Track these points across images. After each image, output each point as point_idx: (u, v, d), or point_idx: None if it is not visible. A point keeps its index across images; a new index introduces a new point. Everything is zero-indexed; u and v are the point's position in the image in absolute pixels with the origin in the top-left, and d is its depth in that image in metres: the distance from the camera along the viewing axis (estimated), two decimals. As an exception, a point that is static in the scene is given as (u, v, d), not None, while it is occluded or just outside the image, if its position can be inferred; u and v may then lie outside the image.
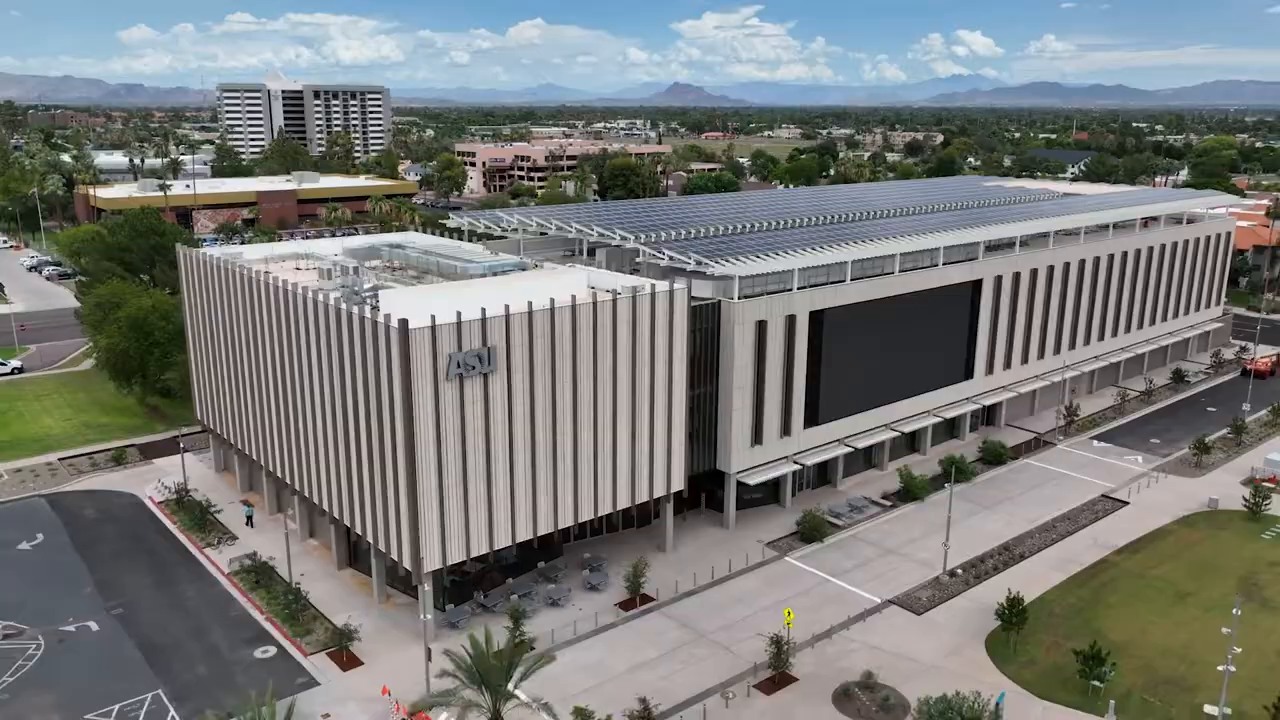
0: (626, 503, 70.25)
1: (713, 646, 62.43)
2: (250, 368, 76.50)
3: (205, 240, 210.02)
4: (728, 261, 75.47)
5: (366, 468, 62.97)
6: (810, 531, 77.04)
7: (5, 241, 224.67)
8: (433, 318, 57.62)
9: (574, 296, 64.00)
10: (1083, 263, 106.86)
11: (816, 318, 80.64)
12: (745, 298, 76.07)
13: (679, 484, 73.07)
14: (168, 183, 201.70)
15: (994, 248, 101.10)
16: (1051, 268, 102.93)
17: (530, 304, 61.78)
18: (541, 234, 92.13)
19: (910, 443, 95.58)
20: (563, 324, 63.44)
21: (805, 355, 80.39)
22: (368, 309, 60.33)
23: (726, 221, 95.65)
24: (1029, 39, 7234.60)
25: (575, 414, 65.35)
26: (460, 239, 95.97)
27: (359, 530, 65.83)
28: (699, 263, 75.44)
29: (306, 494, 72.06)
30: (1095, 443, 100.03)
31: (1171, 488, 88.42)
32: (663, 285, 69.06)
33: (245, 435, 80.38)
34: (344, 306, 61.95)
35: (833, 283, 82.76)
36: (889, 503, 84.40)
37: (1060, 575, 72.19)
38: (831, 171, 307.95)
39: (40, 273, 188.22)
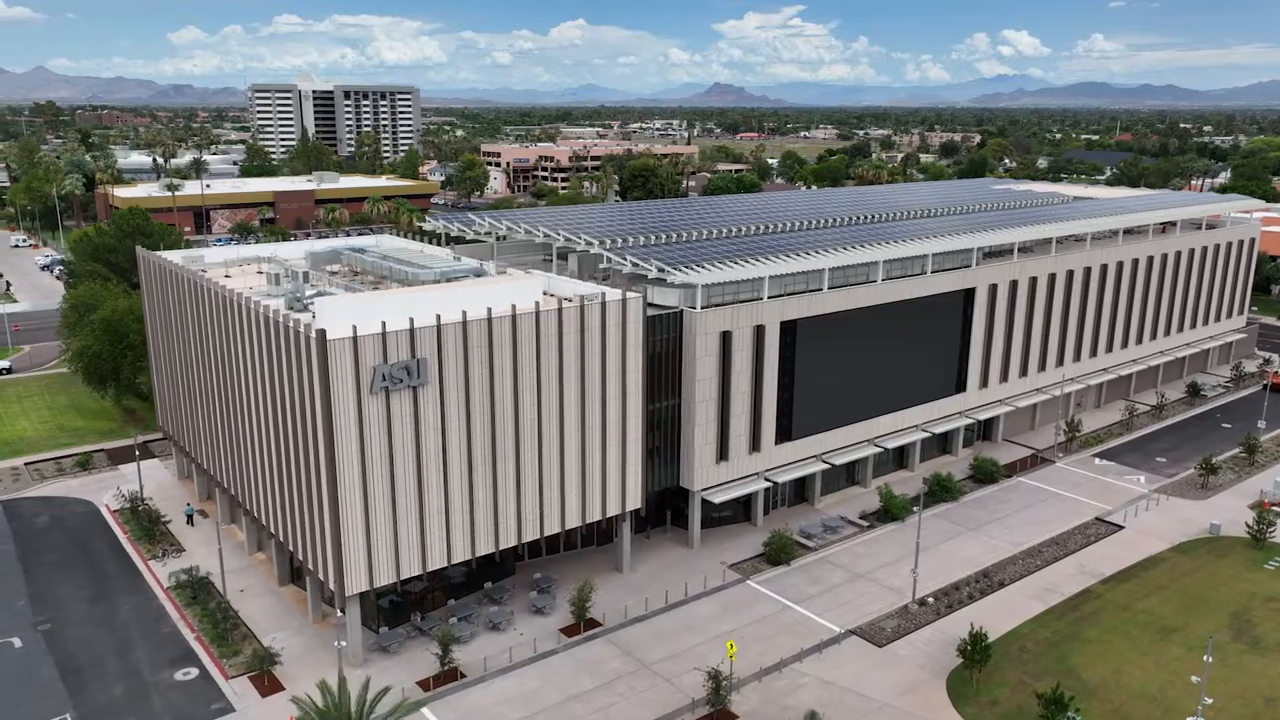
0: (577, 522, 66.92)
1: (653, 678, 58.88)
2: (199, 376, 74.33)
3: (220, 240, 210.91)
4: (692, 269, 71.88)
5: (294, 483, 60.31)
6: (777, 553, 73.17)
7: (25, 240, 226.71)
8: (354, 328, 54.80)
9: (514, 306, 60.79)
10: (1088, 270, 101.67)
11: (789, 328, 76.72)
12: (712, 306, 72.50)
13: (635, 503, 69.59)
14: (176, 182, 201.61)
15: (992, 254, 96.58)
16: (1053, 275, 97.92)
17: (465, 313, 58.72)
18: (510, 238, 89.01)
19: (899, 458, 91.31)
20: (502, 334, 60.29)
21: (776, 367, 76.52)
22: (293, 318, 57.58)
23: (719, 225, 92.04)
24: (1076, 38, 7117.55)
25: (517, 429, 62.17)
26: (435, 242, 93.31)
27: (291, 547, 63.23)
28: (660, 270, 71.92)
29: (248, 507, 69.66)
30: (1096, 460, 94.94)
31: (1172, 511, 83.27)
32: (614, 294, 65.68)
33: (198, 444, 78.28)
34: (270, 315, 59.31)
35: (810, 291, 78.81)
36: (866, 523, 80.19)
37: (1039, 606, 67.70)
38: (854, 172, 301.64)
39: (52, 271, 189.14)
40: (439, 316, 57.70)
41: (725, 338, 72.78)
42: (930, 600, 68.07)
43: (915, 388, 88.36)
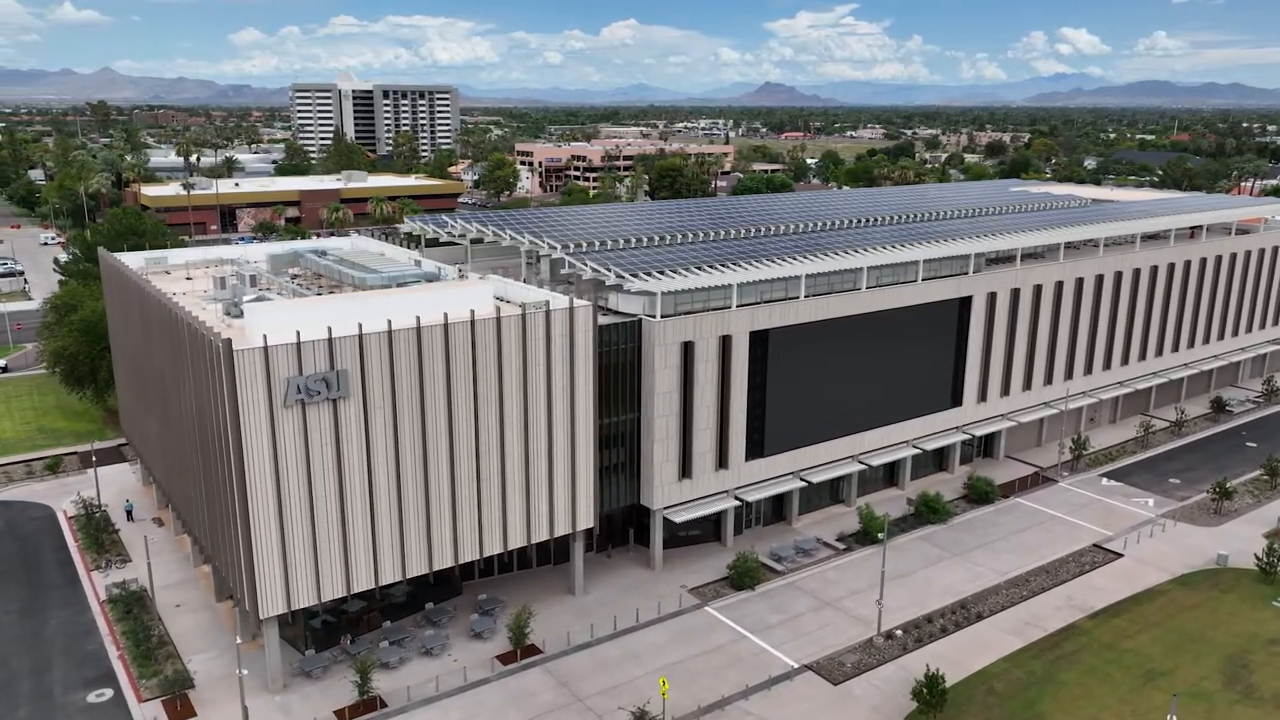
0: (521, 542, 63.38)
1: (585, 714, 55.11)
2: (145, 382, 72.15)
3: (244, 238, 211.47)
4: (653, 276, 68.01)
5: (214, 498, 57.58)
6: (740, 577, 68.95)
7: (54, 238, 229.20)
8: (264, 338, 51.85)
9: (445, 315, 57.42)
10: (1100, 278, 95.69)
11: (760, 338, 72.40)
12: (678, 314, 68.45)
13: (587, 522, 65.84)
14: (192, 181, 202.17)
15: (998, 260, 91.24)
16: (1060, 284, 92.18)
17: (390, 323, 55.53)
18: (480, 240, 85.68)
19: (889, 476, 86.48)
20: (433, 344, 56.95)
21: (746, 380, 72.27)
22: (207, 324, 54.80)
23: (714, 227, 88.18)
24: (1138, 36, 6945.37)
25: (452, 444, 58.76)
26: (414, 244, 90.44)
27: (216, 563, 60.59)
28: (619, 276, 68.16)
29: (184, 519, 67.26)
30: (1104, 480, 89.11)
31: (1178, 538, 77.44)
32: (561, 302, 62.09)
33: (149, 450, 76.22)
34: (188, 321, 56.61)
35: (788, 299, 74.37)
36: (843, 545, 75.58)
37: (1017, 642, 62.69)
38: (878, 173, 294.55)
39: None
40: (361, 326, 54.60)
41: (687, 348, 68.72)
42: (898, 633, 63.43)
43: (905, 401, 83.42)
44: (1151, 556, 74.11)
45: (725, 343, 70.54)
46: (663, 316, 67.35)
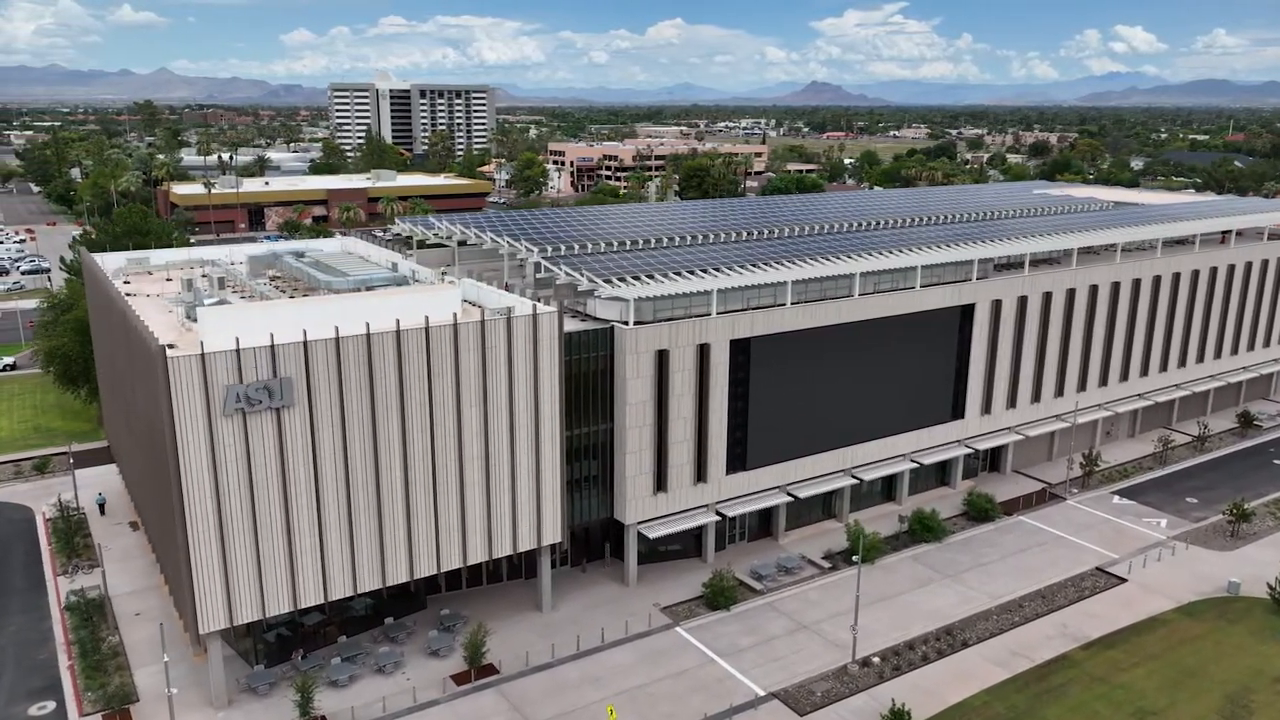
0: (482, 557, 61.11)
1: (532, 740, 52.76)
2: (115, 386, 71.17)
3: (269, 237, 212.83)
4: (627, 281, 65.42)
5: (162, 507, 56.07)
6: (716, 596, 66.08)
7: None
8: (201, 344, 50.17)
9: (397, 321, 55.34)
10: (1116, 285, 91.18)
11: (742, 347, 69.42)
12: (657, 321, 65.73)
13: (553, 536, 63.41)
14: (213, 180, 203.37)
15: (1008, 266, 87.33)
16: (1072, 291, 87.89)
17: (337, 329, 53.57)
18: (465, 242, 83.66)
19: (887, 490, 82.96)
20: (384, 352, 54.89)
21: (726, 390, 69.32)
22: (149, 330, 53.26)
23: (716, 229, 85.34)
24: (1196, 34, 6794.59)
25: (405, 455, 56.67)
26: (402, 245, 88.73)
27: (165, 573, 59.12)
28: (591, 281, 65.66)
29: (146, 524, 66.03)
30: (1115, 499, 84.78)
31: (1189, 563, 73.10)
32: (524, 308, 59.75)
33: (122, 454, 75.30)
34: (136, 326, 55.16)
35: (775, 306, 71.28)
36: (829, 564, 72.32)
37: (1002, 673, 59.11)
38: (906, 174, 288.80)
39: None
40: (305, 333, 52.66)
41: (661, 357, 65.93)
42: (876, 660, 60.14)
43: (902, 413, 79.85)
44: (1157, 582, 69.94)
45: (703, 351, 67.68)
46: (636, 323, 64.67)
